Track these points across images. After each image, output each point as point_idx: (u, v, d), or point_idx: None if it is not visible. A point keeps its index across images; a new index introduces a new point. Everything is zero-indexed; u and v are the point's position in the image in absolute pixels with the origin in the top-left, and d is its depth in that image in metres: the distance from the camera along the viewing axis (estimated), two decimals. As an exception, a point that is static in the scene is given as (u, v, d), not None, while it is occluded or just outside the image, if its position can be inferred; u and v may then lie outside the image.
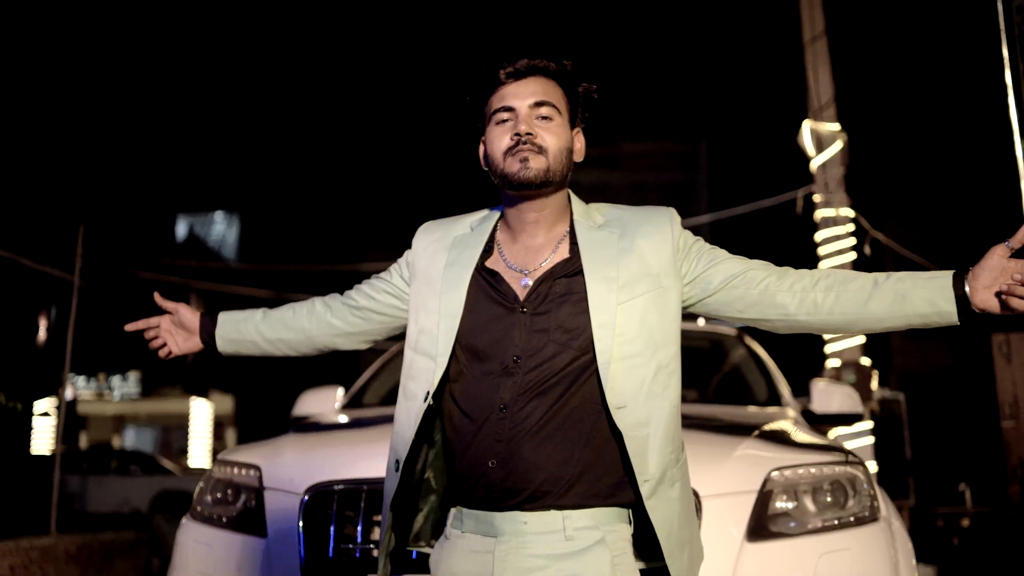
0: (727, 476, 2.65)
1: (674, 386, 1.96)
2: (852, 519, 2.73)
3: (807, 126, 8.48)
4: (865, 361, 8.22)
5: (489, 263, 2.04)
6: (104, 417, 26.94)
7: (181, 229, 27.80)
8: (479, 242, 2.08)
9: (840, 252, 8.24)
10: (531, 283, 1.97)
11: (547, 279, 1.97)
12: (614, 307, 1.92)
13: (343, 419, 3.77)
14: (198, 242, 27.67)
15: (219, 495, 3.02)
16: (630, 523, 1.93)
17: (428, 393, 1.96)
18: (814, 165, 8.51)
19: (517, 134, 1.96)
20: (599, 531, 1.88)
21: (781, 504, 2.68)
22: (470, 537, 1.92)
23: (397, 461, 1.99)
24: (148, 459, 18.53)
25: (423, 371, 1.99)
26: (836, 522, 2.71)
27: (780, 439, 3.03)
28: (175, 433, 26.48)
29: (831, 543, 2.64)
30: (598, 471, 1.89)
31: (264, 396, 26.49)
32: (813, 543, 2.61)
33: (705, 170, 28.82)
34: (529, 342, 1.92)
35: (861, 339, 8.18)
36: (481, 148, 2.08)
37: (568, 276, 1.97)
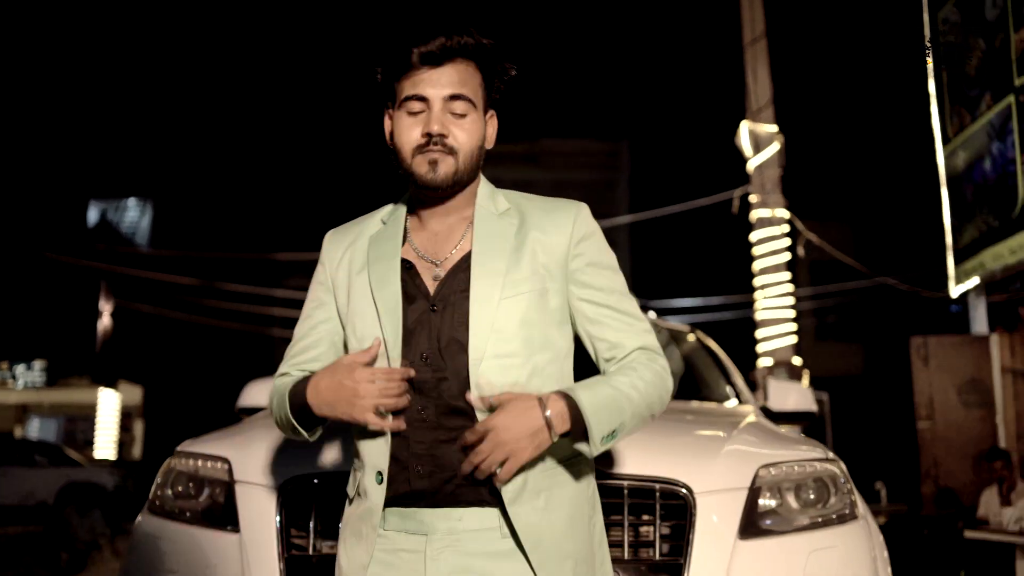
0: (718, 472, 2.61)
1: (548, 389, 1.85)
2: (835, 517, 2.73)
3: (745, 127, 8.55)
4: (797, 361, 8.33)
5: (403, 253, 1.94)
6: (7, 406, 26.03)
7: (93, 215, 27.04)
8: (396, 233, 1.97)
9: (775, 252, 8.34)
10: (441, 275, 1.89)
11: (453, 272, 1.89)
12: (496, 302, 1.84)
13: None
14: (111, 228, 26.93)
15: (180, 488, 2.87)
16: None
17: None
18: (751, 166, 8.59)
19: (428, 133, 1.85)
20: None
21: (768, 501, 2.66)
22: (393, 535, 1.84)
23: (379, 473, 1.85)
24: (54, 449, 17.89)
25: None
26: (821, 520, 2.70)
27: (761, 435, 3.00)
28: (81, 424, 25.70)
29: (819, 541, 2.62)
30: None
31: (173, 387, 25.90)
32: (803, 541, 2.59)
33: (626, 170, 29.01)
34: (433, 340, 1.84)
35: (793, 339, 8.29)
36: (387, 123, 1.96)
37: (468, 268, 1.89)
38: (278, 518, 2.55)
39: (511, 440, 1.71)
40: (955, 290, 10.93)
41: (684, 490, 2.51)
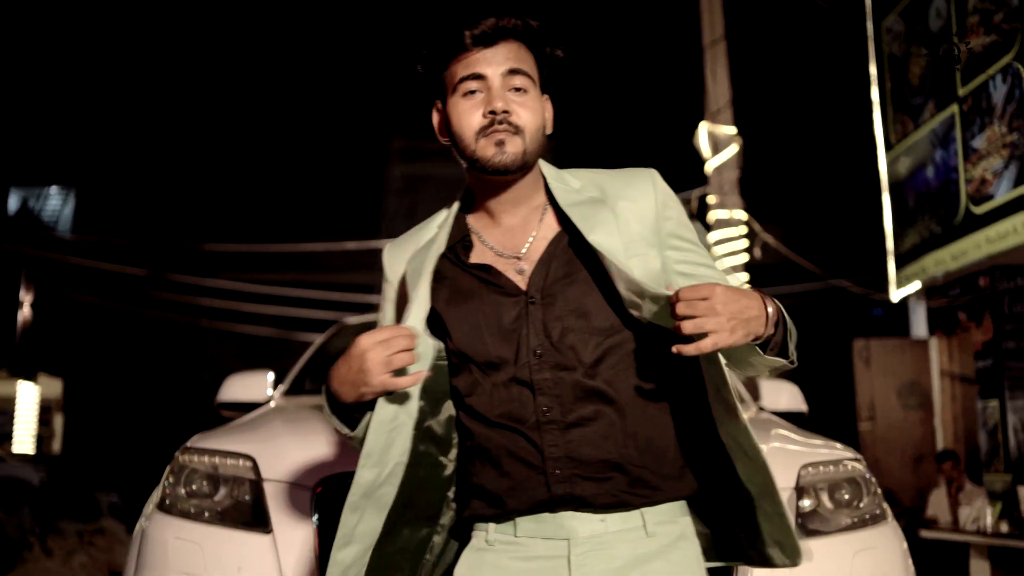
0: (768, 472, 2.58)
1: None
2: (868, 517, 2.74)
3: (704, 128, 8.61)
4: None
5: (475, 257, 1.81)
6: (-81, 399, 25.03)
7: (13, 203, 26.21)
8: (443, 237, 1.84)
9: (733, 253, 8.41)
10: (527, 268, 1.77)
11: (545, 259, 1.76)
12: (624, 257, 1.71)
13: (312, 405, 3.53)
14: (32, 216, 26.10)
15: (194, 487, 2.75)
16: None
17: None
18: (709, 167, 8.65)
19: (492, 112, 1.72)
20: (677, 525, 1.73)
21: (809, 502, 2.65)
22: (527, 542, 1.71)
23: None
24: (-29, 444, 17.27)
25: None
26: (858, 520, 2.71)
27: (791, 434, 2.99)
28: (-3, 417, 24.84)
29: (861, 541, 2.63)
30: (656, 460, 1.71)
31: (95, 381, 25.21)
32: (847, 541, 2.60)
33: (563, 168, 29.09)
34: (546, 334, 1.72)
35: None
36: (435, 116, 1.86)
37: (565, 250, 1.77)
38: (315, 518, 2.46)
39: (726, 314, 1.53)
40: (896, 294, 11.16)
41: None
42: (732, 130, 8.53)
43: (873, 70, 11.69)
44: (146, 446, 21.46)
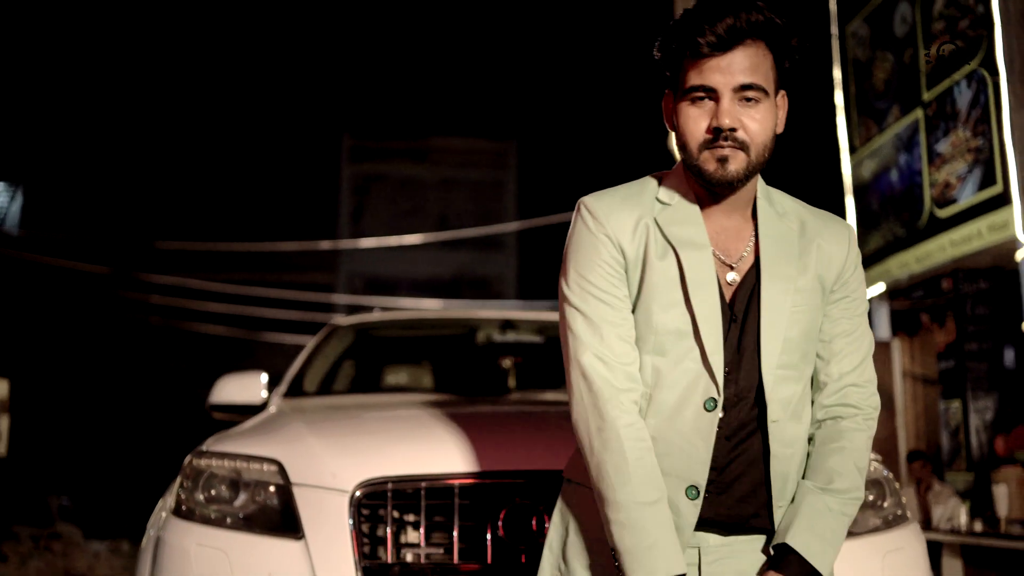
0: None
1: (809, 407, 1.82)
2: (892, 518, 2.74)
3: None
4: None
5: None
6: None
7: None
8: (694, 219, 1.77)
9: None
10: (737, 279, 1.77)
11: (748, 277, 1.77)
12: (787, 312, 1.74)
13: (320, 407, 3.47)
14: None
15: (213, 492, 2.67)
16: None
17: (715, 401, 1.72)
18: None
19: (718, 128, 1.67)
20: None
21: (837, 503, 2.65)
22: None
23: (694, 488, 1.72)
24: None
25: (681, 375, 1.73)
26: (883, 522, 2.71)
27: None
28: (-60, 418, 24.26)
29: (890, 542, 2.63)
30: (762, 492, 1.76)
31: (42, 381, 24.72)
32: (876, 542, 2.60)
33: (514, 169, 29.12)
34: (733, 351, 1.74)
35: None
36: (666, 104, 1.80)
37: (759, 273, 1.77)
38: (351, 523, 2.41)
39: None
40: (859, 296, 11.29)
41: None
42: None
43: (837, 74, 11.84)
44: (96, 448, 21.09)
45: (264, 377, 4.12)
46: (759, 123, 1.70)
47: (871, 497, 2.75)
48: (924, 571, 2.70)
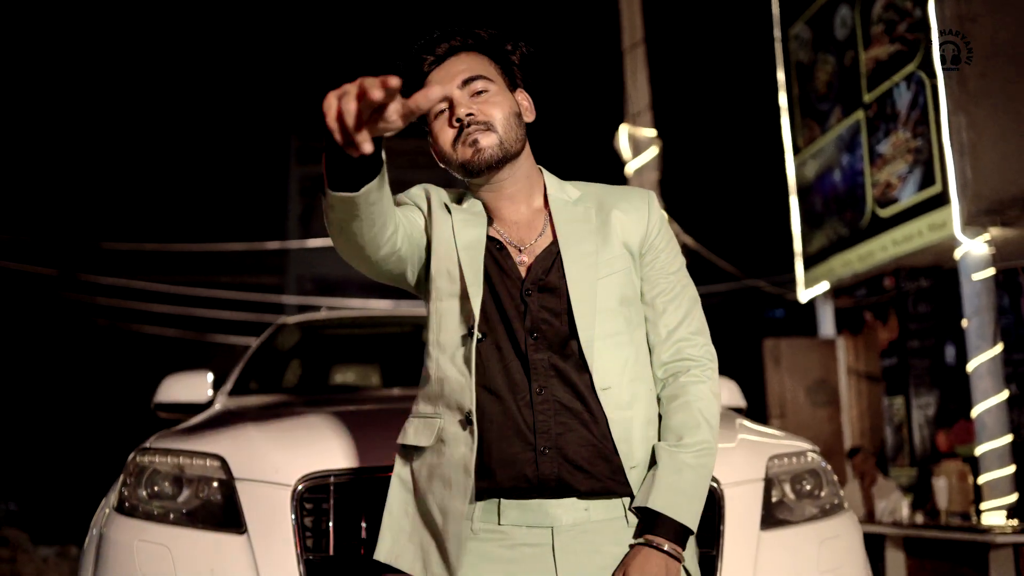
0: (738, 464, 2.63)
1: (649, 368, 1.90)
2: (829, 507, 2.81)
3: (624, 130, 8.72)
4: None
5: (491, 231, 1.92)
6: None
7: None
8: (479, 207, 1.94)
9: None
10: (527, 261, 1.88)
11: (541, 259, 1.88)
12: (594, 283, 1.84)
13: (264, 404, 3.47)
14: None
15: (156, 488, 2.67)
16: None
17: (472, 328, 1.81)
18: (629, 169, 8.76)
19: (458, 120, 1.84)
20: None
21: (777, 492, 2.71)
22: (511, 530, 1.78)
23: (467, 415, 1.78)
24: None
25: (455, 314, 1.86)
26: (820, 510, 2.77)
27: (752, 426, 3.05)
28: None
29: (827, 530, 2.69)
30: (610, 455, 1.80)
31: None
32: (813, 530, 2.65)
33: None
34: (535, 323, 1.83)
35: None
36: (432, 145, 1.94)
37: (554, 255, 1.88)
38: (293, 517, 2.42)
39: None
40: (804, 294, 11.46)
41: (714, 482, 2.52)
42: (652, 132, 8.66)
43: (781, 76, 12.00)
44: (43, 452, 20.75)
45: (210, 376, 4.11)
46: (494, 104, 1.86)
47: (808, 487, 2.81)
48: (859, 557, 2.77)
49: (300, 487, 2.43)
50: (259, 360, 4.28)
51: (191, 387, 4.02)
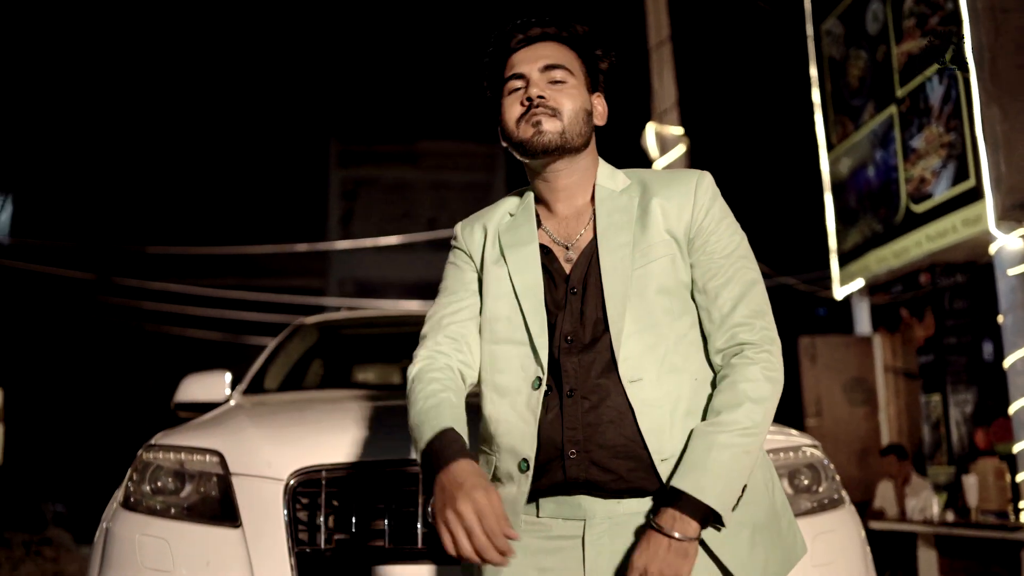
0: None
1: (698, 358, 1.85)
2: (827, 502, 2.80)
3: (651, 128, 8.71)
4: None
5: (540, 235, 1.96)
6: None
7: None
8: (528, 219, 1.97)
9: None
10: (574, 257, 1.90)
11: (587, 253, 1.89)
12: (628, 274, 1.82)
13: (270, 402, 3.52)
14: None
15: (159, 483, 2.74)
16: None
17: (540, 379, 1.82)
18: (657, 167, 8.75)
19: (529, 99, 1.88)
20: None
21: (774, 486, 2.70)
22: (548, 522, 1.82)
23: (524, 460, 1.80)
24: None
25: (514, 359, 1.86)
26: (818, 505, 2.77)
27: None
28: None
29: (822, 524, 2.69)
30: (638, 451, 1.78)
31: (36, 390, 24.75)
32: (808, 525, 2.65)
33: (503, 171, 29.16)
34: (576, 321, 1.84)
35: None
36: (499, 120, 1.98)
37: (595, 249, 1.89)
38: (285, 512, 2.47)
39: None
40: (839, 292, 11.36)
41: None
42: (679, 131, 8.65)
43: (814, 72, 11.90)
44: (90, 454, 21.11)
45: (228, 376, 4.18)
46: (568, 96, 1.90)
47: (806, 481, 2.81)
48: (857, 552, 2.76)
49: (292, 481, 2.49)
50: (275, 359, 4.34)
51: (209, 387, 4.09)
